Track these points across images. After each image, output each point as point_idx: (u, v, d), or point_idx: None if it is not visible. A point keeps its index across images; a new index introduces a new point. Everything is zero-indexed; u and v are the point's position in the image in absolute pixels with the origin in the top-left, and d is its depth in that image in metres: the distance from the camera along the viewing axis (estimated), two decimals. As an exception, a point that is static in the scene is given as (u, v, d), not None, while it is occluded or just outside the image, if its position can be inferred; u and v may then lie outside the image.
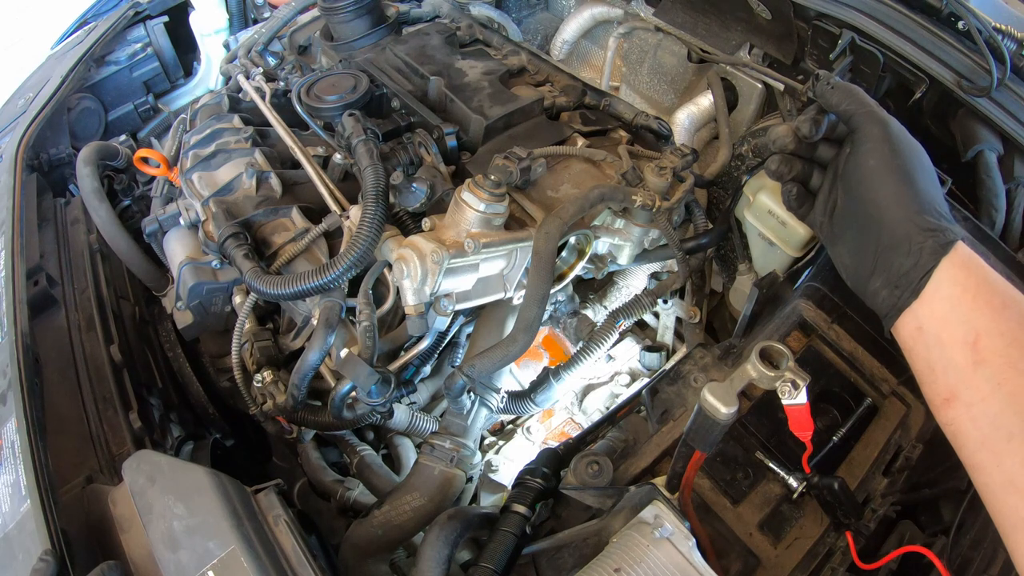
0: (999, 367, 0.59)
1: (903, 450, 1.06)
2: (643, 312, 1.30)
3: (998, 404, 0.59)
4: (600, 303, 1.90)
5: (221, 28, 2.27)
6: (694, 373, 1.13)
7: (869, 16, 1.29)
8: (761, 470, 1.01)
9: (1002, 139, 1.22)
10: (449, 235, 1.06)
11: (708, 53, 1.62)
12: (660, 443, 1.04)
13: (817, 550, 0.96)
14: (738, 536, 0.96)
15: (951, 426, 0.65)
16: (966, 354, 0.62)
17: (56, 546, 0.79)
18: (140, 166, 1.47)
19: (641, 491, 0.85)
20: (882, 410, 1.10)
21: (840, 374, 1.13)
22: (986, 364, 0.60)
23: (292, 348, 1.25)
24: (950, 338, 0.63)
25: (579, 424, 1.70)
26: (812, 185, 0.88)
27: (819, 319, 1.17)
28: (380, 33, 1.60)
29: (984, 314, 0.62)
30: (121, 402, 1.14)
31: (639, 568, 0.74)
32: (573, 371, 1.28)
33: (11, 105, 1.82)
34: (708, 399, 0.69)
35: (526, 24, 2.32)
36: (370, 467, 1.33)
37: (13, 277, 1.17)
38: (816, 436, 0.80)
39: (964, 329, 0.62)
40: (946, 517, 0.99)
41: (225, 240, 1.15)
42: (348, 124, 1.20)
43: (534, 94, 1.38)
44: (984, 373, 0.60)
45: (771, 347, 0.70)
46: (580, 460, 0.98)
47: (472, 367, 1.05)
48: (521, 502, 0.94)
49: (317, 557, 0.82)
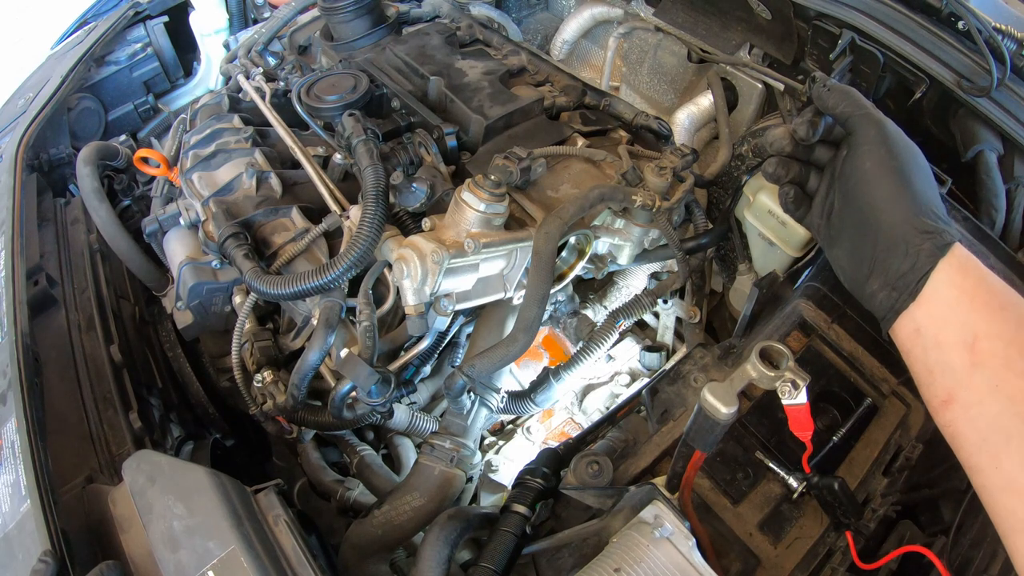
0: (997, 369, 0.59)
1: (903, 450, 1.06)
2: (643, 312, 1.30)
3: (996, 406, 0.59)
4: (600, 303, 1.90)
5: (221, 28, 2.27)
6: (694, 373, 1.13)
7: (869, 16, 1.29)
8: (761, 470, 1.01)
9: (1002, 139, 1.22)
10: (449, 235, 1.06)
11: (708, 53, 1.62)
12: (660, 443, 1.04)
13: (817, 550, 0.96)
14: (738, 536, 0.96)
15: (949, 428, 0.65)
16: (964, 356, 0.61)
17: (56, 546, 0.79)
18: (140, 166, 1.47)
19: (641, 491, 0.85)
20: (882, 410, 1.10)
21: (840, 374, 1.13)
22: (984, 366, 0.60)
23: (292, 348, 1.25)
24: (948, 340, 0.63)
25: (579, 424, 1.70)
26: (809, 187, 0.88)
27: (819, 319, 1.17)
28: (380, 33, 1.60)
29: (982, 316, 0.62)
30: (121, 402, 1.14)
31: (639, 568, 0.74)
32: (573, 371, 1.28)
33: (11, 105, 1.82)
34: (708, 399, 0.69)
35: (526, 24, 2.32)
36: (370, 467, 1.33)
37: (13, 277, 1.17)
38: (816, 436, 0.80)
39: (962, 331, 0.62)
40: (946, 517, 0.99)
41: (225, 240, 1.15)
42: (348, 124, 1.20)
43: (534, 94, 1.38)
44: (982, 375, 0.60)
45: (771, 347, 0.70)
46: (580, 460, 0.98)
47: (472, 367, 1.05)
48: (521, 502, 0.94)
49: (317, 557, 0.82)
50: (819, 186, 0.86)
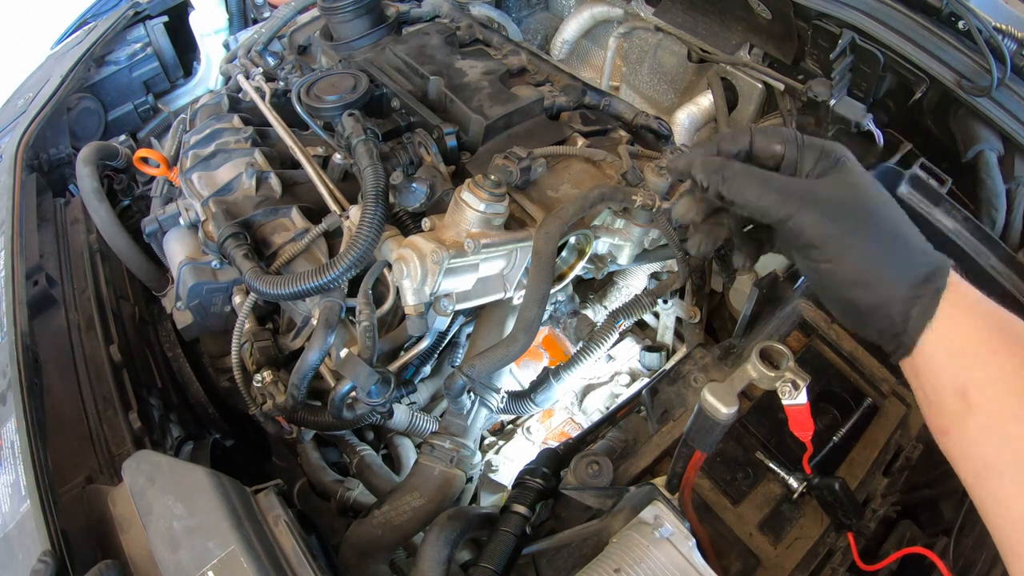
0: (990, 414, 0.60)
1: (903, 450, 1.06)
2: (643, 312, 1.30)
3: (990, 446, 0.60)
4: (600, 303, 1.90)
5: (221, 28, 2.27)
6: (694, 373, 1.13)
7: (869, 16, 1.29)
8: (761, 470, 1.01)
9: (1002, 139, 1.22)
10: (449, 235, 1.06)
11: (708, 53, 1.62)
12: (660, 443, 1.04)
13: (817, 550, 0.96)
14: (738, 536, 0.96)
15: (947, 454, 0.66)
16: (957, 401, 0.62)
17: (56, 546, 0.79)
18: (140, 166, 1.47)
19: (641, 491, 0.85)
20: (882, 410, 1.10)
21: (840, 374, 1.13)
22: (976, 411, 0.60)
23: (292, 348, 1.25)
24: (942, 386, 0.63)
25: (579, 424, 1.70)
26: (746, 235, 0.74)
27: (819, 319, 1.17)
28: (380, 33, 1.60)
29: (974, 364, 0.61)
30: (121, 402, 1.14)
31: (639, 568, 0.74)
32: (573, 371, 1.28)
33: (11, 105, 1.82)
34: (708, 399, 0.69)
35: (526, 24, 2.32)
36: (370, 467, 1.33)
37: (13, 277, 1.17)
38: (816, 436, 0.79)
39: (954, 381, 0.62)
40: (947, 517, 0.99)
41: (225, 240, 1.15)
42: (348, 124, 1.20)
43: (534, 94, 1.38)
44: (975, 419, 0.61)
45: (771, 347, 0.70)
46: (580, 460, 0.98)
47: (472, 367, 1.05)
48: (521, 502, 0.94)
49: (317, 557, 0.82)
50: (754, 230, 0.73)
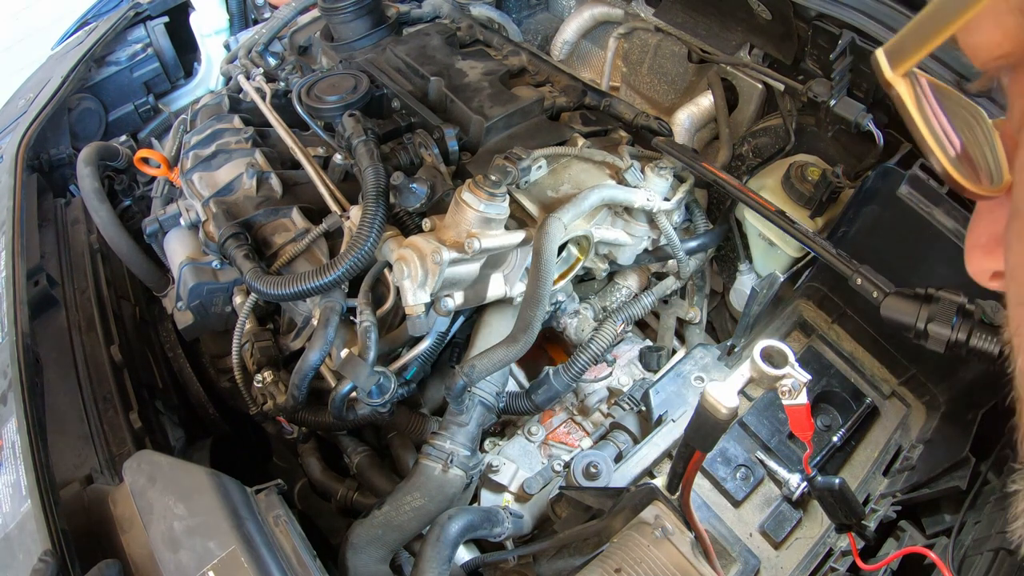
0: None
1: (903, 450, 1.06)
2: (643, 312, 1.30)
3: None
4: (600, 303, 1.90)
5: (221, 28, 2.27)
6: (694, 373, 1.13)
7: (869, 16, 1.29)
8: (761, 470, 1.01)
9: (1002, 139, 1.22)
10: (449, 235, 1.06)
11: (708, 53, 1.62)
12: (660, 443, 1.04)
13: (817, 550, 0.96)
14: (738, 536, 0.96)
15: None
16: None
17: (56, 546, 0.79)
18: (140, 166, 1.47)
19: (641, 491, 0.85)
20: (882, 410, 1.10)
21: (840, 374, 1.13)
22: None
23: (292, 348, 1.25)
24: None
25: (579, 424, 1.70)
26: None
27: (819, 319, 1.17)
28: (380, 34, 1.60)
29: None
30: (121, 402, 1.14)
31: (639, 568, 0.74)
32: (573, 371, 1.28)
33: (12, 105, 1.82)
34: (708, 399, 0.69)
35: (526, 24, 2.32)
36: (370, 467, 1.33)
37: (14, 277, 1.17)
38: (816, 436, 0.80)
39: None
40: (947, 517, 0.99)
41: (225, 240, 1.15)
42: (348, 124, 1.20)
43: (534, 94, 1.38)
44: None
45: (772, 347, 0.69)
46: (580, 460, 0.98)
47: (472, 367, 1.05)
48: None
49: (317, 557, 0.82)
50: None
